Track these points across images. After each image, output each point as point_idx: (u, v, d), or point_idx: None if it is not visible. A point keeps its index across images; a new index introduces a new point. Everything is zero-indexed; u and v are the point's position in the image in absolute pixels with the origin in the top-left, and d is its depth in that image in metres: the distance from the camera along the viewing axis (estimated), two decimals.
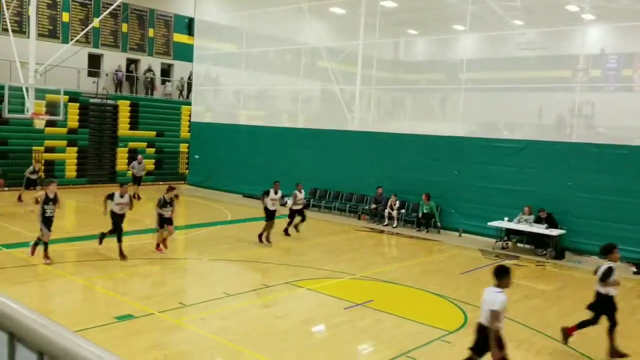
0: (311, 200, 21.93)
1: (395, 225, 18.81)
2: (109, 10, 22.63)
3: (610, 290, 8.76)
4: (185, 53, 29.04)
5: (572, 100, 16.78)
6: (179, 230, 17.48)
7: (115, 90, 27.26)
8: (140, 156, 22.71)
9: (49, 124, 21.19)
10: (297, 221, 16.54)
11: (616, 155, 15.25)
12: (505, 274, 6.62)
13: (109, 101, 26.24)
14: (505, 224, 16.19)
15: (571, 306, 11.15)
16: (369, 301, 10.60)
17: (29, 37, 19.53)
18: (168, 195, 13.20)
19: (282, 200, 15.91)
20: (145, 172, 22.13)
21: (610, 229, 15.05)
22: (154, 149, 27.52)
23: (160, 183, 21.72)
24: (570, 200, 15.85)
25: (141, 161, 22.05)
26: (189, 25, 30.03)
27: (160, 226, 13.01)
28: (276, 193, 15.25)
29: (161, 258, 12.38)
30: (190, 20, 29.38)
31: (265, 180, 23.39)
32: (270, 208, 15.02)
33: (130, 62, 28.74)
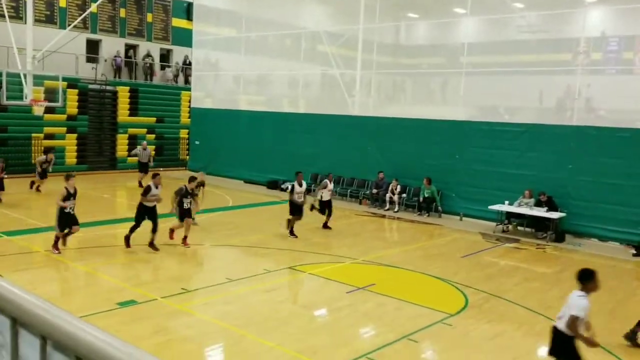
0: (312, 185, 21.93)
1: (396, 209, 18.84)
2: None
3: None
4: (184, 38, 28.88)
5: (573, 83, 16.71)
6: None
7: (114, 76, 27.15)
8: (144, 142, 22.60)
9: (48, 110, 21.13)
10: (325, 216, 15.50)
11: (617, 138, 15.22)
12: (590, 278, 6.22)
13: (108, 87, 26.15)
14: (505, 207, 16.21)
15: (571, 288, 11.17)
16: (371, 285, 10.65)
17: (25, 23, 19.43)
18: (190, 185, 12.67)
19: (316, 195, 15.16)
20: (151, 158, 21.97)
21: (610, 211, 15.10)
22: (154, 135, 27.46)
23: (161, 169, 21.67)
24: (571, 183, 15.86)
25: (146, 147, 21.86)
26: (187, 10, 29.83)
27: (180, 219, 12.51)
28: (300, 185, 14.36)
29: (163, 244, 12.40)
30: (189, 5, 29.19)
31: (266, 166, 23.48)
32: (298, 201, 14.18)
33: (129, 48, 28.60)
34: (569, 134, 16.06)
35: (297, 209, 14.16)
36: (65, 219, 11.26)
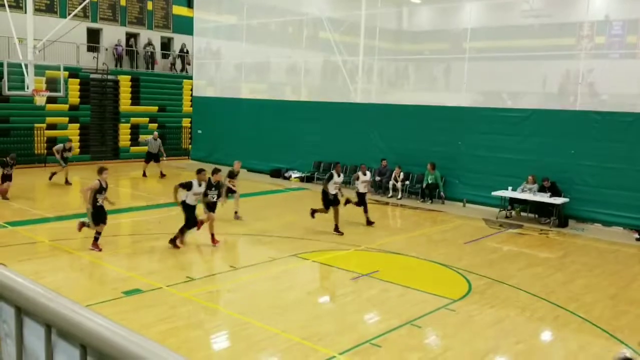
0: (315, 173, 21.95)
1: (399, 196, 18.84)
2: None
3: None
4: (185, 26, 28.77)
5: (576, 68, 16.61)
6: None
7: (115, 65, 27.09)
8: (155, 132, 22.39)
9: (50, 100, 21.11)
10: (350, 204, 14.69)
11: (620, 122, 15.16)
12: None
13: (110, 76, 26.10)
14: (509, 193, 16.20)
15: (574, 273, 11.23)
16: (375, 272, 10.69)
17: (26, 13, 19.35)
18: (215, 178, 11.94)
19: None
20: (162, 149, 21.66)
21: (613, 196, 15.08)
22: (156, 124, 27.43)
23: (164, 158, 21.68)
24: (574, 168, 15.82)
25: (157, 137, 21.62)
26: None
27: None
28: (339, 176, 13.64)
29: (166, 233, 12.43)
30: None
31: (269, 154, 23.46)
32: (332, 192, 13.46)
33: (130, 37, 28.50)
34: (572, 118, 16.00)
35: (329, 200, 13.49)
36: (100, 213, 11.01)
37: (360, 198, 14.57)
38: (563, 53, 17.32)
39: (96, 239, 11.08)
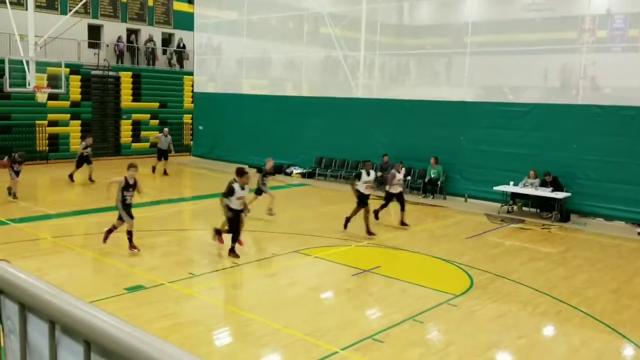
0: (317, 169, 21.94)
1: None
2: None
3: None
4: (186, 22, 28.72)
5: (578, 62, 16.57)
6: (185, 202, 17.61)
7: (117, 62, 27.07)
8: (166, 129, 22.25)
9: (52, 97, 21.11)
10: (388, 207, 14.18)
11: (622, 116, 15.12)
12: None
13: (111, 73, 26.09)
14: (510, 188, 16.18)
15: (576, 267, 11.23)
16: (376, 267, 10.70)
17: (27, 9, 19.33)
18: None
19: (379, 184, 13.31)
20: (171, 146, 21.59)
21: (615, 190, 15.06)
22: (157, 121, 27.44)
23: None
24: (576, 162, 15.79)
25: (167, 134, 21.54)
26: None
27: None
28: (369, 174, 13.20)
29: (168, 230, 12.45)
30: None
31: (270, 150, 23.43)
32: (365, 192, 13.00)
33: (131, 33, 28.47)
34: (574, 113, 15.97)
35: (363, 200, 13.04)
36: (128, 210, 10.78)
37: (389, 196, 14.02)
38: (565, 47, 17.27)
39: (130, 238, 10.83)
